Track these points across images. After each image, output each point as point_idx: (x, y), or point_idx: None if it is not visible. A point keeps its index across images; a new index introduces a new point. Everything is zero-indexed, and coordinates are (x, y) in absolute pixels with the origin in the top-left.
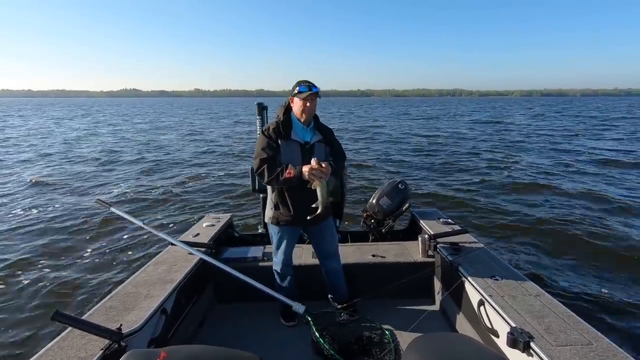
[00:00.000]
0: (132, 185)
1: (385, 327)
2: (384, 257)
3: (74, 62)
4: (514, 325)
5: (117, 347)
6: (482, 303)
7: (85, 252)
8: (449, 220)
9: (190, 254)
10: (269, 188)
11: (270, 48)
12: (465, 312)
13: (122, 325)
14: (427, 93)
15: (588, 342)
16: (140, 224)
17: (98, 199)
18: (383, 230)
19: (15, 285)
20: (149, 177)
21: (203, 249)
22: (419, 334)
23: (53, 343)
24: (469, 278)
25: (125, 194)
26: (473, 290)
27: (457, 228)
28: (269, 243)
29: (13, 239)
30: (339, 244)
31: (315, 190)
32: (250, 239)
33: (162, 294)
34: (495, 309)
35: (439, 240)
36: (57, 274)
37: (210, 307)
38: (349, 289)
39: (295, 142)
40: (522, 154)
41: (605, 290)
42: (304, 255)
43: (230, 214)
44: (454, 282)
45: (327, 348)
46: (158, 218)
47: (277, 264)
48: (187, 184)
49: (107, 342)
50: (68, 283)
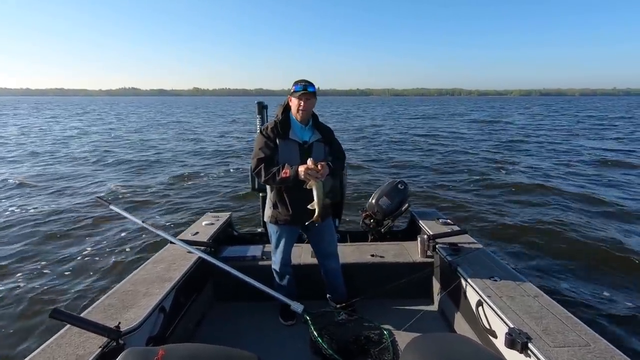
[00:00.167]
0: (131, 184)
1: (384, 327)
2: (383, 257)
3: (73, 60)
4: (512, 326)
5: (115, 345)
6: (480, 303)
7: (84, 249)
8: (448, 221)
9: (189, 253)
10: (268, 187)
11: (270, 47)
12: (464, 312)
13: (120, 323)
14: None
15: (586, 343)
16: (140, 222)
17: (97, 197)
18: (382, 230)
19: (13, 283)
20: (149, 175)
21: (202, 248)
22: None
23: (51, 340)
24: (468, 278)
25: (124, 193)
26: (471, 291)
27: (456, 228)
28: (268, 242)
29: (10, 235)
30: (338, 244)
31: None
32: (250, 238)
33: (160, 292)
34: (494, 310)
35: (438, 241)
36: (55, 271)
37: (209, 305)
38: (348, 289)
39: (294, 141)
40: (521, 154)
41: (604, 292)
42: (303, 255)
43: (230, 213)
44: (453, 282)
45: (325, 347)
46: (157, 216)
47: (276, 263)
48: (186, 183)
49: (105, 340)
50: (66, 280)
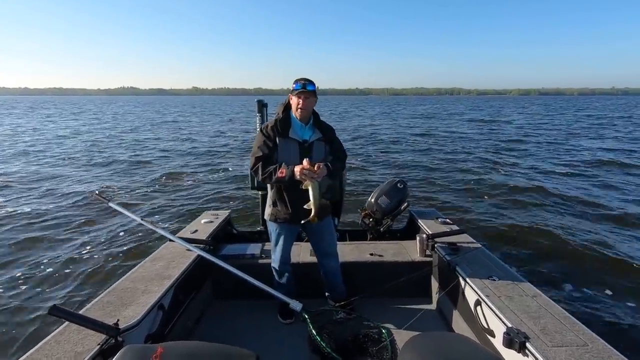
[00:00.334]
0: (130, 182)
1: (383, 325)
2: (382, 256)
3: (72, 59)
4: (510, 326)
5: (114, 342)
6: (478, 303)
7: (83, 246)
8: (447, 220)
9: (189, 250)
10: (268, 185)
11: (270, 46)
12: (462, 311)
13: (119, 321)
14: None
15: (584, 343)
16: (139, 220)
17: (96, 194)
18: (381, 229)
19: (12, 279)
20: (148, 173)
21: (201, 246)
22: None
23: (50, 337)
24: (466, 278)
25: (124, 190)
26: (470, 290)
27: (455, 228)
28: (268, 240)
29: (9, 232)
30: (337, 243)
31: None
32: (249, 236)
33: (159, 290)
34: (492, 309)
35: (437, 240)
36: (54, 268)
37: (208, 303)
38: (347, 288)
39: (294, 140)
40: (519, 154)
41: (602, 292)
42: (302, 253)
43: (229, 211)
44: (451, 281)
45: (324, 346)
46: (156, 214)
47: (275, 261)
48: (186, 181)
49: (104, 337)
50: (65, 277)
